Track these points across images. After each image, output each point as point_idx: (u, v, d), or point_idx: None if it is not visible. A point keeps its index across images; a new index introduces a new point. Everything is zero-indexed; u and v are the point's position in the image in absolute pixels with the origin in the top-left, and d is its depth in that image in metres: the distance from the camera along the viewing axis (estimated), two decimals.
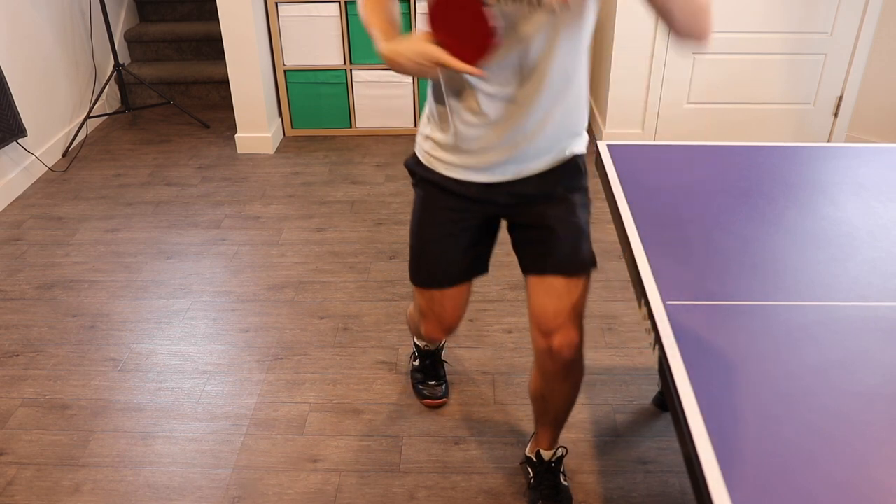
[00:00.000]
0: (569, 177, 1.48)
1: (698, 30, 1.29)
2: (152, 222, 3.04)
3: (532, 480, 1.76)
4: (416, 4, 3.51)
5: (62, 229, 3.00)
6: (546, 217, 1.48)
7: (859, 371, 1.09)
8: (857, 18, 3.28)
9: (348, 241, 2.87)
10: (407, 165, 1.59)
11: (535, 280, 1.51)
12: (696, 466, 0.95)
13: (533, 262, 1.51)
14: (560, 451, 1.75)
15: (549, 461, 1.73)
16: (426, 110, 1.52)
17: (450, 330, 1.67)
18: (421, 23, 3.53)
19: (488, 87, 1.35)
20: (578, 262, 1.48)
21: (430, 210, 1.55)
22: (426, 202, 1.55)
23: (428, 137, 1.50)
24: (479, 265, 1.62)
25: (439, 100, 1.44)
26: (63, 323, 2.42)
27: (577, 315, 1.50)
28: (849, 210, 1.53)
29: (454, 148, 1.45)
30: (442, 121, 1.45)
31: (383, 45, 1.30)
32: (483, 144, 1.41)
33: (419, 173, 1.55)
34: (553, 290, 1.48)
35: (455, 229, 1.54)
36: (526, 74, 1.32)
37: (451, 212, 1.52)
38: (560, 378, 1.57)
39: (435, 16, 1.19)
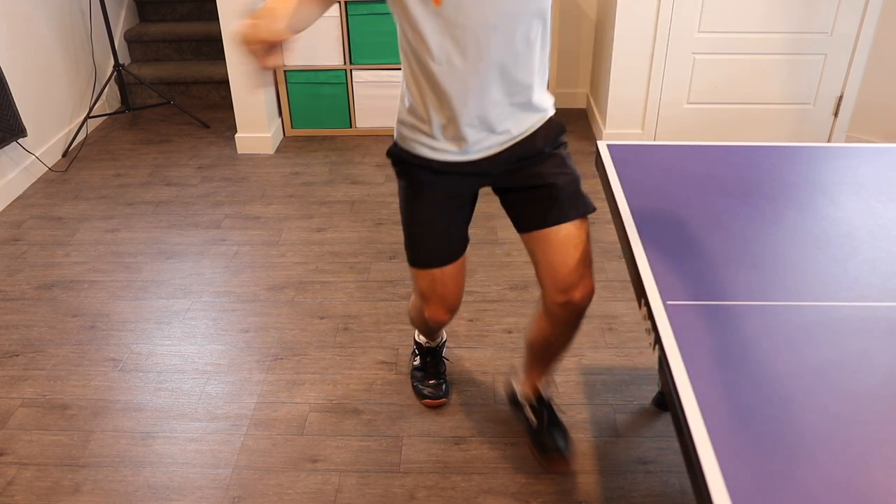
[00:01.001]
0: (553, 135, 1.55)
1: None
2: (152, 222, 3.05)
3: (536, 424, 1.85)
4: None
5: (62, 229, 3.00)
6: (542, 174, 1.53)
7: (859, 371, 1.09)
8: (857, 18, 3.28)
9: (348, 242, 2.87)
10: (391, 154, 1.61)
11: (543, 235, 1.54)
12: (696, 466, 0.95)
13: (541, 216, 1.54)
14: (551, 386, 1.86)
15: (548, 398, 1.87)
16: (405, 101, 1.53)
17: (453, 308, 1.69)
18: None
19: (447, 66, 1.38)
20: (583, 204, 1.55)
21: (423, 194, 1.58)
22: (418, 187, 1.58)
23: (412, 127, 1.52)
24: (467, 234, 1.68)
25: (412, 91, 1.48)
26: (63, 323, 2.42)
27: (591, 261, 1.57)
28: (849, 210, 1.53)
29: (434, 134, 1.49)
30: (419, 109, 1.48)
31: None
32: (457, 125, 1.45)
33: (407, 160, 1.56)
34: (567, 242, 1.53)
35: (452, 206, 1.60)
36: (482, 47, 1.35)
37: (446, 192, 1.58)
38: (573, 324, 1.64)
39: None
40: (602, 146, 1.84)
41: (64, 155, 3.70)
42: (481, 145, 1.49)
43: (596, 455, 1.87)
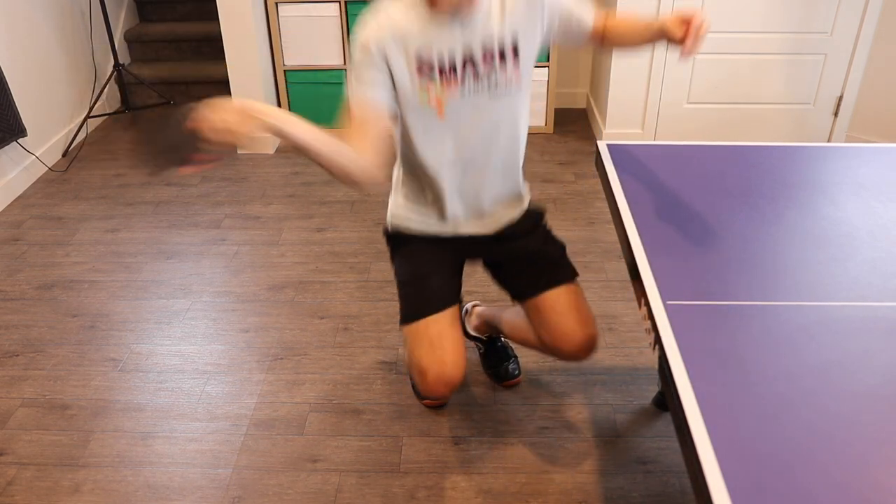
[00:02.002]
0: (534, 219, 1.75)
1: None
2: (152, 222, 3.05)
3: (484, 351, 2.13)
4: None
5: (62, 229, 3.00)
6: (528, 246, 1.72)
7: (859, 371, 1.09)
8: (857, 18, 3.28)
9: (348, 241, 2.87)
10: (387, 234, 1.75)
11: (539, 302, 1.68)
12: (696, 466, 0.95)
13: (533, 282, 1.69)
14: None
15: (498, 338, 2.12)
16: (398, 194, 1.70)
17: (452, 381, 1.60)
18: None
19: (448, 167, 1.56)
20: (571, 270, 1.71)
21: (415, 250, 1.70)
22: (412, 246, 1.70)
23: (406, 218, 1.69)
24: (459, 291, 1.75)
25: (408, 187, 1.65)
26: (63, 323, 2.42)
27: (591, 318, 1.68)
28: (849, 210, 1.53)
29: (427, 219, 1.67)
30: (413, 202, 1.66)
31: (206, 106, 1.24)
32: (453, 215, 1.64)
33: (400, 235, 1.71)
34: (564, 302, 1.66)
35: (445, 261, 1.71)
36: (481, 153, 1.56)
37: (437, 250, 1.69)
38: (567, 360, 1.75)
39: None
40: (602, 146, 1.84)
41: (64, 155, 3.70)
42: (472, 227, 1.68)
43: (596, 455, 1.87)
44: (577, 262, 2.66)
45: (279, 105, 3.84)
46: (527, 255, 1.71)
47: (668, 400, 1.10)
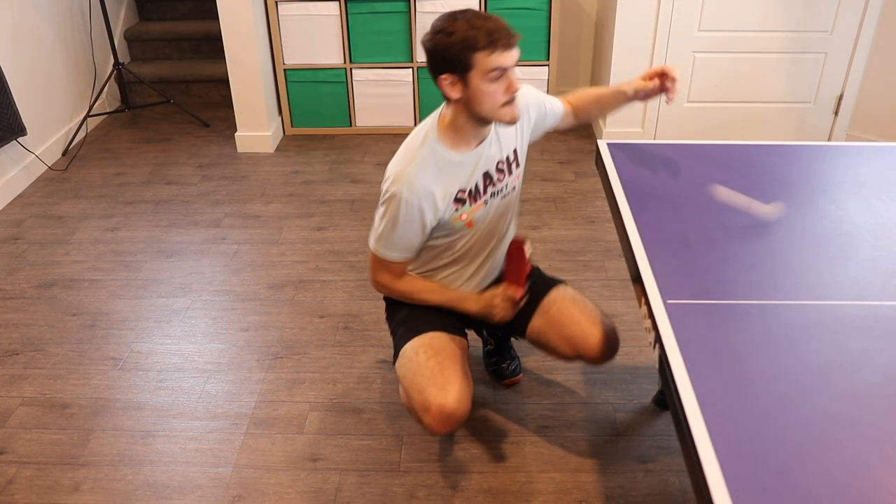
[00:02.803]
0: None
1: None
2: (152, 221, 3.04)
3: (492, 346, 2.13)
4: (416, 4, 3.51)
5: (62, 228, 3.00)
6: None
7: (859, 371, 1.09)
8: (857, 17, 3.27)
9: (348, 240, 2.86)
10: (386, 298, 1.84)
11: (540, 318, 1.74)
12: (696, 466, 0.95)
13: (527, 305, 1.75)
14: None
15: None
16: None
17: (453, 421, 1.53)
18: (419, 25, 3.53)
19: (468, 259, 1.71)
20: (551, 278, 1.81)
21: (416, 306, 1.75)
22: (413, 307, 1.75)
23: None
24: (464, 331, 1.79)
25: (423, 272, 1.74)
26: (63, 322, 2.42)
27: (598, 311, 1.73)
28: (849, 209, 1.53)
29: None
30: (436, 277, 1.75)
31: (473, 306, 1.70)
32: (473, 280, 1.76)
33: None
34: (568, 307, 1.72)
35: (448, 316, 1.75)
36: (497, 240, 1.73)
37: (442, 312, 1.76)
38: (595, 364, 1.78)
39: (509, 273, 1.71)
40: (602, 145, 1.84)
41: (64, 154, 3.70)
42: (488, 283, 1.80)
43: (596, 454, 1.87)
44: (577, 262, 2.67)
45: (279, 104, 3.84)
46: None
47: (668, 399, 1.10)
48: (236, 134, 3.68)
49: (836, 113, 3.51)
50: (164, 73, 4.25)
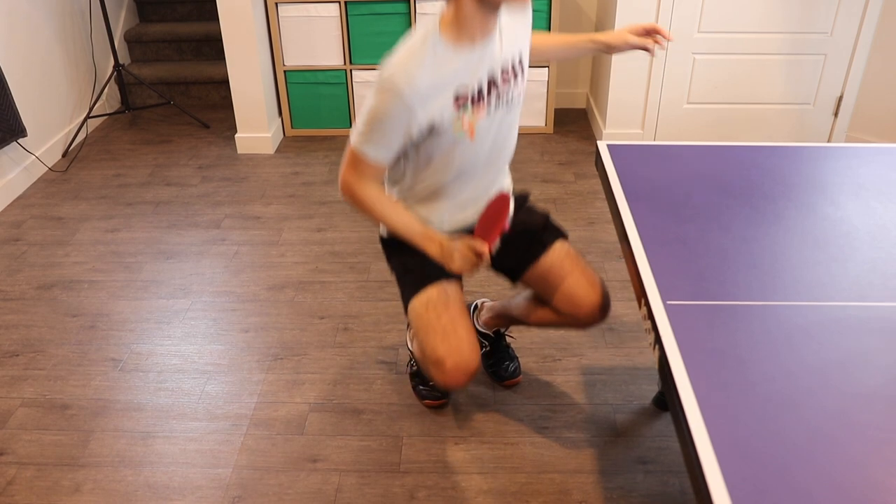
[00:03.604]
0: (517, 203, 1.81)
1: None
2: (152, 222, 3.05)
3: (488, 349, 2.11)
4: (416, 5, 3.51)
5: (62, 229, 3.00)
6: (520, 220, 1.77)
7: (859, 371, 1.09)
8: (857, 18, 3.28)
9: (348, 241, 2.87)
10: (383, 239, 1.78)
11: (540, 268, 1.72)
12: (696, 466, 0.95)
13: (528, 250, 1.74)
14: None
15: (504, 332, 2.12)
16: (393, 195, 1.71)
17: (470, 372, 1.59)
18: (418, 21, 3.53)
19: (466, 178, 1.62)
20: (558, 230, 1.77)
21: (417, 251, 1.69)
22: (413, 249, 1.69)
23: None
24: (460, 277, 1.75)
25: (412, 194, 1.67)
26: (63, 323, 2.42)
27: (596, 275, 1.73)
28: (849, 210, 1.53)
29: (427, 223, 1.69)
30: (417, 206, 1.68)
31: (434, 248, 1.60)
32: (455, 214, 1.69)
33: (398, 241, 1.72)
34: (564, 263, 1.71)
35: None
36: (495, 158, 1.63)
37: None
38: (585, 327, 1.77)
39: (483, 224, 1.58)
40: (602, 146, 1.84)
41: (64, 155, 3.70)
42: (467, 221, 1.71)
43: (596, 455, 1.87)
44: None
45: (279, 105, 3.84)
46: (515, 232, 1.74)
47: (667, 400, 1.10)
48: (236, 135, 3.68)
49: (836, 114, 3.51)
50: (164, 74, 4.25)
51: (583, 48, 1.78)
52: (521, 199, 1.83)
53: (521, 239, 1.75)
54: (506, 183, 1.77)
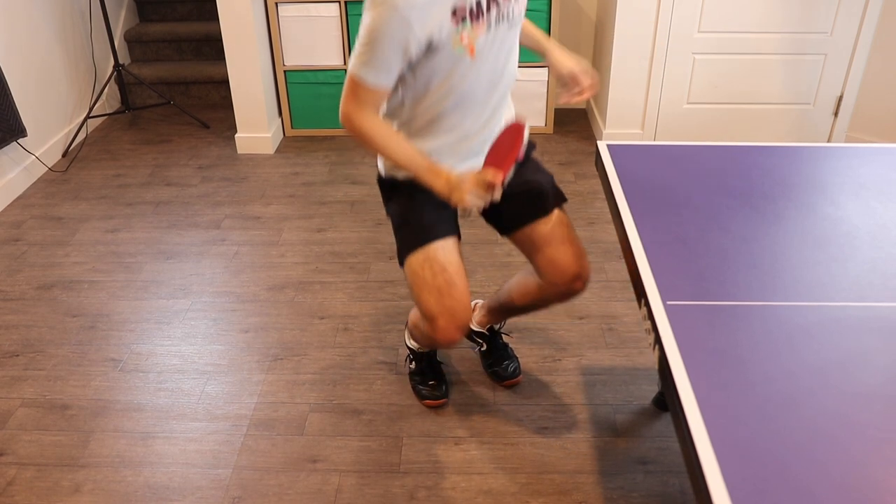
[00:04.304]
0: (525, 152, 1.75)
1: None
2: (152, 222, 3.05)
3: (485, 348, 2.13)
4: None
5: (62, 229, 3.00)
6: (522, 175, 1.73)
7: (859, 371, 1.09)
8: (857, 18, 3.28)
9: (348, 242, 2.87)
10: (382, 181, 1.73)
11: (533, 230, 1.72)
12: (696, 466, 0.95)
13: (527, 212, 1.72)
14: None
15: (498, 329, 2.13)
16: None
17: (463, 323, 1.63)
18: None
19: (468, 100, 1.56)
20: (559, 196, 1.76)
21: (415, 197, 1.66)
22: (411, 195, 1.66)
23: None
24: (458, 227, 1.74)
25: (411, 126, 1.62)
26: (63, 323, 2.42)
27: (583, 248, 1.75)
28: (849, 210, 1.53)
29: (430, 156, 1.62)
30: (417, 139, 1.63)
31: (439, 182, 1.54)
32: (456, 148, 1.63)
33: (397, 184, 1.69)
34: (557, 231, 1.71)
35: (442, 204, 1.65)
36: (495, 82, 1.57)
37: (435, 195, 1.63)
38: (565, 299, 1.79)
39: (495, 153, 1.51)
40: (602, 146, 1.84)
41: (64, 155, 3.70)
42: (470, 164, 1.66)
43: (596, 455, 1.87)
44: None
45: (279, 105, 3.84)
46: (517, 186, 1.72)
47: (667, 400, 1.10)
48: (236, 135, 3.68)
49: (836, 114, 3.51)
50: (164, 74, 4.25)
51: (541, 51, 1.75)
52: (529, 148, 1.79)
53: (524, 196, 1.72)
54: (511, 115, 1.71)
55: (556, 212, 1.73)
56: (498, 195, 1.51)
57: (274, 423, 1.99)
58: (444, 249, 1.64)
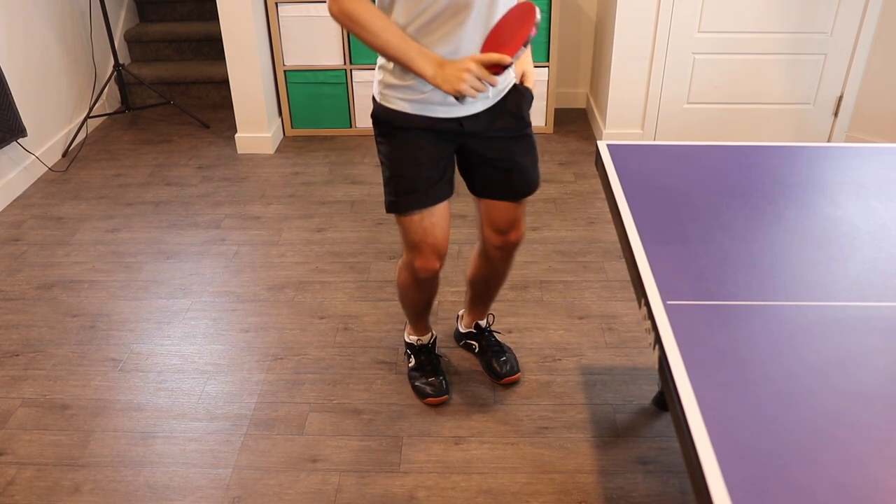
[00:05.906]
0: (526, 103, 1.79)
1: None
2: (152, 222, 3.05)
3: (478, 349, 2.18)
4: None
5: (62, 229, 3.00)
6: (513, 152, 1.75)
7: (859, 371, 1.09)
8: (857, 18, 3.28)
9: (348, 241, 2.87)
10: (376, 116, 1.69)
11: (493, 203, 1.81)
12: (696, 466, 0.95)
13: (495, 190, 1.79)
14: (489, 318, 2.19)
15: (486, 327, 2.17)
16: (379, 60, 1.64)
17: (443, 254, 1.77)
18: None
19: (460, 16, 1.48)
20: (532, 187, 1.82)
21: (409, 141, 1.66)
22: (404, 136, 1.65)
23: (403, 88, 1.60)
24: (453, 181, 1.77)
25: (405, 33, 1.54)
26: (63, 323, 2.42)
27: (524, 214, 1.86)
28: (849, 210, 1.53)
29: (424, 90, 1.58)
30: (403, 70, 1.57)
31: (429, 68, 1.46)
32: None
33: (393, 121, 1.65)
34: (510, 208, 1.81)
35: (434, 153, 1.67)
36: (482, 6, 1.48)
37: (430, 142, 1.66)
38: (506, 261, 1.93)
39: (500, 32, 1.40)
40: (602, 146, 1.84)
41: (64, 155, 3.70)
42: (465, 102, 1.61)
43: (596, 455, 1.87)
44: (576, 263, 2.67)
45: (279, 105, 3.84)
46: (503, 161, 1.75)
47: (667, 400, 1.10)
48: (236, 135, 3.68)
49: (836, 114, 3.51)
50: (164, 74, 4.25)
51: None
52: (528, 100, 1.80)
53: (503, 175, 1.76)
54: None
55: (522, 200, 1.82)
56: (502, 75, 1.40)
57: (274, 423, 1.99)
58: (437, 214, 1.71)
